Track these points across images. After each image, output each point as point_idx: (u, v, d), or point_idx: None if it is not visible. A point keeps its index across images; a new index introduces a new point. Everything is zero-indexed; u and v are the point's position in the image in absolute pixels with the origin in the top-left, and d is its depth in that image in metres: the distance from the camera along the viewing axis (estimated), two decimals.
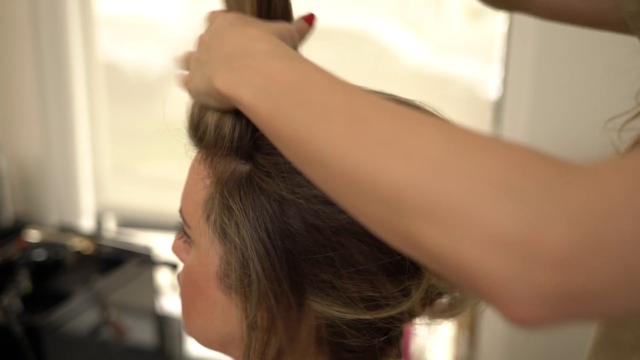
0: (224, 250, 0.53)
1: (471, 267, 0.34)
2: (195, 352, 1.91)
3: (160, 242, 1.77)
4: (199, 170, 0.55)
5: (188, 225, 0.56)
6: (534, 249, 0.32)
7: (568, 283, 0.32)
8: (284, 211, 0.50)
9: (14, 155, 1.96)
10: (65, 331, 1.44)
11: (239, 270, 0.51)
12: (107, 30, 1.97)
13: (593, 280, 0.32)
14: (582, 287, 0.32)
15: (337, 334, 0.53)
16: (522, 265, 0.33)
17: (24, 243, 1.67)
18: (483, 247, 0.33)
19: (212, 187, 0.53)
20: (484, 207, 0.34)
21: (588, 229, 0.32)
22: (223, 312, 0.55)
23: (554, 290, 0.32)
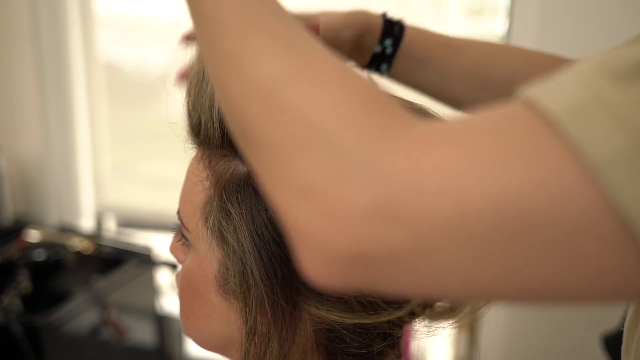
0: (222, 254, 0.52)
1: (282, 212, 0.34)
2: (195, 352, 1.91)
3: (160, 242, 1.77)
4: (197, 171, 0.54)
5: (186, 228, 0.55)
6: (332, 205, 0.31)
7: (359, 247, 0.31)
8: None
9: (14, 155, 1.96)
10: (65, 331, 1.44)
11: (238, 275, 0.51)
12: (107, 30, 1.97)
13: (384, 248, 0.31)
14: (372, 252, 0.31)
15: (336, 339, 0.53)
16: (320, 221, 0.32)
17: (24, 243, 1.67)
18: (291, 194, 0.33)
19: (210, 189, 0.53)
20: (296, 151, 0.33)
21: (391, 195, 0.31)
22: (222, 316, 0.54)
23: (346, 251, 0.32)
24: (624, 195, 0.28)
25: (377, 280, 0.33)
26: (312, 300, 0.51)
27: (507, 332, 1.61)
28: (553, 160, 0.29)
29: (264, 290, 0.50)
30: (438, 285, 0.32)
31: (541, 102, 0.30)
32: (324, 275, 0.33)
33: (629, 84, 0.29)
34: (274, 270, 0.50)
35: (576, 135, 0.29)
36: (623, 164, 0.28)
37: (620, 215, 0.28)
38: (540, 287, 0.31)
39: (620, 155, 0.28)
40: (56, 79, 1.91)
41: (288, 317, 0.51)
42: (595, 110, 0.29)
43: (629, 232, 0.28)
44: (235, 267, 0.51)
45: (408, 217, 0.30)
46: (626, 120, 0.28)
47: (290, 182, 0.33)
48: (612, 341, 0.60)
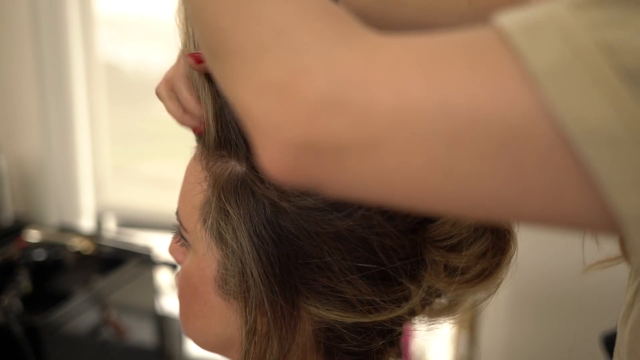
0: (221, 255, 0.52)
1: (244, 110, 0.36)
2: (195, 352, 1.91)
3: (160, 242, 1.77)
4: (196, 172, 0.54)
5: (185, 229, 0.55)
6: (288, 96, 0.34)
7: (310, 134, 0.33)
8: (278, 216, 0.50)
9: (14, 155, 1.96)
10: (65, 331, 1.44)
11: (237, 275, 0.51)
12: (107, 30, 1.97)
13: (332, 137, 0.33)
14: (321, 140, 0.33)
15: (336, 338, 0.53)
16: (276, 111, 0.34)
17: (24, 243, 1.67)
18: (253, 90, 0.35)
19: (209, 190, 0.53)
20: (260, 52, 0.35)
21: (340, 87, 0.33)
22: (222, 317, 0.54)
23: (297, 139, 0.34)
24: (560, 104, 0.29)
25: (325, 172, 0.35)
26: (311, 300, 0.51)
27: (507, 331, 1.61)
28: (498, 67, 0.31)
29: (263, 290, 0.50)
30: (381, 182, 0.34)
31: (502, 23, 0.32)
32: (277, 165, 0.35)
33: (582, 9, 0.30)
34: (273, 270, 0.50)
35: (522, 45, 0.30)
36: (561, 75, 0.29)
37: (557, 124, 0.29)
38: (479, 196, 0.32)
39: (560, 66, 0.29)
40: (56, 79, 1.91)
41: (287, 317, 0.51)
42: (545, 28, 0.30)
43: (563, 141, 0.29)
44: (234, 267, 0.51)
45: (355, 107, 0.33)
46: (570, 36, 0.29)
47: (252, 80, 0.35)
48: (612, 341, 0.60)
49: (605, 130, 0.28)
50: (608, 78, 0.29)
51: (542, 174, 0.30)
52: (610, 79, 0.29)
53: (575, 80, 0.29)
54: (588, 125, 0.29)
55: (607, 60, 0.29)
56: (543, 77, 0.29)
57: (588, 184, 0.30)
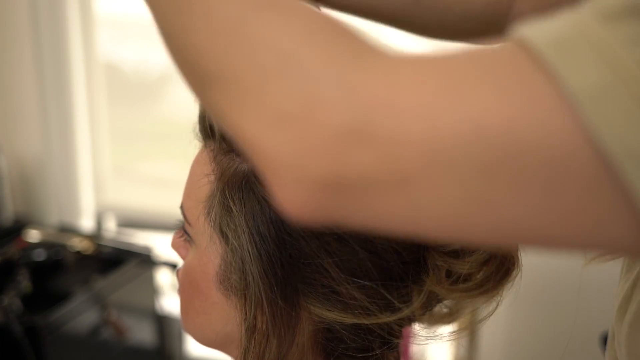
0: (223, 250, 0.52)
1: (251, 144, 0.33)
2: (195, 352, 1.91)
3: (160, 242, 1.77)
4: (202, 165, 0.54)
5: (188, 222, 0.55)
6: (306, 129, 0.31)
7: (333, 170, 0.31)
8: (280, 217, 0.49)
9: (14, 155, 1.96)
10: (65, 331, 1.44)
11: (237, 272, 0.51)
12: (107, 30, 1.97)
13: (358, 171, 0.30)
14: (346, 176, 0.31)
15: (335, 339, 0.53)
16: (293, 146, 0.31)
17: (24, 243, 1.67)
18: (261, 123, 0.32)
19: (214, 184, 0.53)
20: (266, 80, 0.32)
21: (364, 116, 0.30)
22: (222, 313, 0.54)
23: (319, 175, 0.31)
24: (603, 128, 0.27)
25: (350, 209, 0.32)
26: (311, 300, 0.51)
27: (508, 333, 1.61)
28: (533, 89, 0.29)
29: (262, 288, 0.50)
30: (411, 215, 0.31)
31: (527, 37, 0.30)
32: (297, 203, 0.32)
33: (616, 23, 0.29)
34: (273, 269, 0.50)
35: (557, 66, 0.28)
36: (603, 97, 0.27)
37: (597, 148, 0.28)
38: (517, 224, 0.30)
39: (600, 87, 0.27)
40: (56, 79, 1.91)
41: (286, 316, 0.51)
42: (579, 45, 0.28)
43: (605, 164, 0.28)
44: (235, 263, 0.51)
45: (382, 138, 0.30)
46: (608, 55, 0.28)
47: (261, 112, 0.32)
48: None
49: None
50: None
51: (584, 199, 0.29)
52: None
53: (618, 103, 0.27)
54: (633, 149, 0.27)
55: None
56: (583, 99, 0.28)
57: (630, 209, 0.28)
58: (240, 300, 0.52)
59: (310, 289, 0.51)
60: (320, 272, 0.50)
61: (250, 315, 0.51)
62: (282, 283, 0.50)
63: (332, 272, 0.50)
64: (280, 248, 0.50)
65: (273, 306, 0.50)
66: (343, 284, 0.50)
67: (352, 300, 0.50)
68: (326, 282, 0.50)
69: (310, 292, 0.51)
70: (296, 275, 0.50)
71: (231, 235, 0.51)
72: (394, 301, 0.51)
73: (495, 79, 0.30)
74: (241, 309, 0.52)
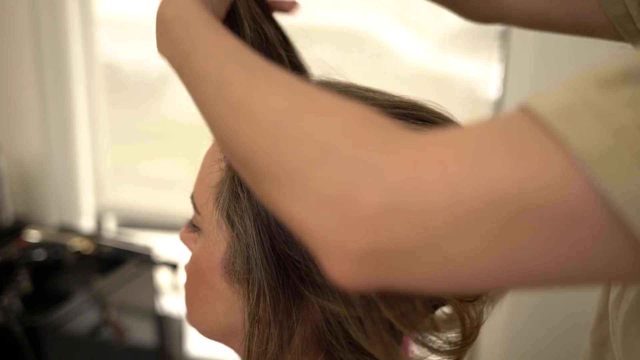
0: (230, 236, 0.53)
1: (302, 227, 0.37)
2: (195, 352, 1.91)
3: (160, 242, 1.77)
4: (214, 152, 0.56)
5: (197, 210, 0.57)
6: (347, 210, 0.35)
7: (375, 244, 0.34)
8: None
9: (14, 155, 1.96)
10: (65, 331, 1.44)
11: (242, 257, 0.52)
12: (107, 30, 1.97)
13: (396, 243, 0.34)
14: (386, 248, 0.34)
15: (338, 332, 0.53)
16: (338, 226, 0.35)
17: (24, 243, 1.68)
18: (309, 208, 0.36)
19: (224, 171, 0.54)
20: (309, 170, 0.37)
21: (396, 195, 0.34)
22: (225, 302, 0.55)
23: (363, 249, 0.35)
24: (609, 184, 0.31)
25: (394, 276, 0.36)
26: (315, 290, 0.51)
27: (507, 332, 1.61)
28: (543, 154, 0.32)
29: (265, 276, 0.51)
30: (447, 276, 0.35)
31: (533, 106, 0.34)
32: (346, 275, 0.36)
33: (612, 89, 0.32)
34: (277, 257, 0.51)
35: (563, 132, 0.32)
36: (607, 157, 0.31)
37: (607, 203, 0.31)
38: (540, 273, 0.34)
39: (604, 148, 0.31)
40: (56, 79, 1.91)
41: (287, 304, 0.51)
42: (580, 111, 0.32)
43: (615, 218, 0.31)
44: (241, 250, 0.52)
45: (413, 212, 0.34)
46: (608, 118, 0.31)
47: (306, 198, 0.37)
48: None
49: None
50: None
51: (596, 245, 0.32)
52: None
53: (620, 160, 0.31)
54: (635, 198, 0.30)
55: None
56: (589, 160, 0.31)
57: (635, 249, 0.32)
58: (244, 287, 0.53)
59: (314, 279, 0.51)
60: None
61: (252, 302, 0.52)
62: (284, 271, 0.50)
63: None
64: (284, 237, 0.50)
65: (274, 293, 0.51)
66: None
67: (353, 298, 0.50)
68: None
69: (313, 281, 0.51)
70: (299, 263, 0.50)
71: (237, 220, 0.52)
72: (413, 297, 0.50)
73: (509, 147, 0.33)
74: (244, 296, 0.53)
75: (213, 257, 0.55)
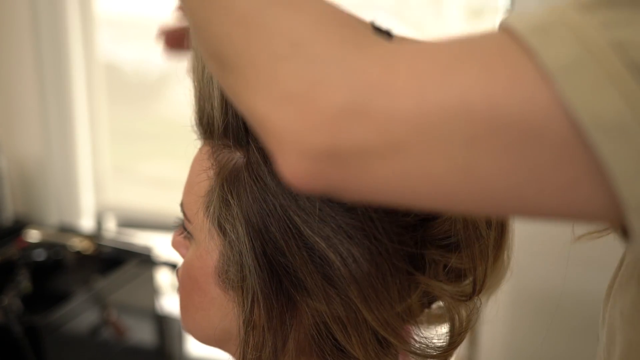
0: (222, 244, 0.53)
1: (262, 121, 0.37)
2: (195, 352, 1.91)
3: (161, 242, 1.77)
4: (201, 161, 0.55)
5: (188, 219, 0.56)
6: (310, 107, 0.34)
7: (332, 143, 0.34)
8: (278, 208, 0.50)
9: (14, 155, 1.96)
10: (65, 331, 1.44)
11: (235, 265, 0.52)
12: (107, 30, 1.97)
13: (355, 144, 0.34)
14: (344, 148, 0.34)
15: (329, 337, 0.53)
16: (298, 121, 0.35)
17: (23, 243, 1.67)
18: (272, 102, 0.36)
19: (213, 179, 0.54)
20: (277, 64, 0.36)
21: (363, 95, 0.34)
22: (220, 308, 0.55)
23: (319, 147, 0.34)
24: (576, 100, 0.30)
25: (346, 179, 0.35)
26: (308, 293, 0.51)
27: (507, 332, 1.61)
28: (513, 67, 0.32)
29: (257, 282, 0.50)
30: (403, 185, 0.35)
31: (510, 24, 0.33)
32: (298, 173, 0.36)
33: (591, 11, 0.32)
34: (269, 263, 0.50)
35: (536, 46, 0.32)
36: (577, 73, 0.31)
37: (572, 121, 0.31)
38: (497, 193, 0.34)
39: (574, 64, 0.31)
40: (56, 79, 1.91)
41: (282, 311, 0.51)
42: (556, 27, 0.32)
43: (578, 133, 0.31)
44: (233, 257, 0.52)
45: (377, 114, 0.33)
46: (583, 36, 0.31)
47: (269, 91, 0.36)
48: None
49: (616, 121, 0.30)
50: (620, 72, 0.30)
51: (558, 166, 0.32)
52: (622, 73, 0.30)
53: (589, 76, 0.30)
54: (601, 117, 0.30)
55: (618, 56, 0.30)
56: (558, 73, 0.31)
57: (599, 175, 0.31)
58: (238, 294, 0.52)
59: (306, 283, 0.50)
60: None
61: (247, 308, 0.52)
62: (276, 276, 0.50)
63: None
64: (275, 242, 0.50)
65: (268, 300, 0.51)
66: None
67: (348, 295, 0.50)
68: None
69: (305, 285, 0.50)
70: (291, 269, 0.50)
71: (229, 228, 0.52)
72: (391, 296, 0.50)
73: (481, 59, 0.33)
74: (239, 302, 0.53)
75: (206, 265, 0.54)
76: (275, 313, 0.51)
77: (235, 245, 0.51)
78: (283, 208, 0.49)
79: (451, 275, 0.52)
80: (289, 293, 0.51)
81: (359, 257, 0.49)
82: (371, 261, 0.49)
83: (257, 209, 0.50)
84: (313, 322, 0.53)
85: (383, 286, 0.50)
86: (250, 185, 0.50)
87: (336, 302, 0.50)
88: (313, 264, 0.49)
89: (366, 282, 0.49)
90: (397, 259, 0.49)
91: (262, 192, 0.50)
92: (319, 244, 0.49)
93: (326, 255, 0.49)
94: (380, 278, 0.49)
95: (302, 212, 0.49)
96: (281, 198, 0.49)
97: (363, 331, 0.51)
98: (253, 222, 0.50)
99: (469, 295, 0.53)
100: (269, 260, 0.50)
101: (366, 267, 0.49)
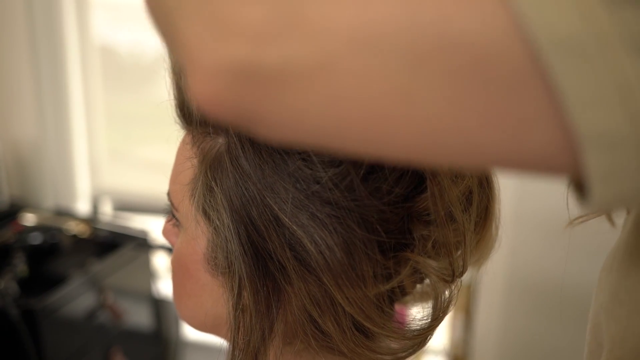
0: (208, 230, 0.53)
1: (181, 41, 0.32)
2: (191, 335, 1.92)
3: (157, 226, 1.77)
4: (185, 149, 0.55)
5: (175, 208, 0.56)
6: (228, 19, 0.30)
7: (247, 55, 0.29)
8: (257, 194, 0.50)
9: (10, 138, 1.95)
10: (62, 315, 1.44)
11: (222, 251, 0.52)
12: (102, 13, 1.96)
13: (279, 59, 0.29)
14: (266, 64, 0.29)
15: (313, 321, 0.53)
16: (213, 33, 0.30)
17: (19, 226, 1.67)
18: (189, 16, 0.32)
19: (197, 167, 0.54)
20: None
21: (289, 6, 0.29)
22: (211, 295, 0.55)
23: (233, 59, 0.30)
24: (531, 12, 0.27)
25: (264, 101, 0.31)
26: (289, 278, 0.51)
27: (503, 315, 1.62)
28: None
29: (244, 267, 0.50)
30: (330, 113, 0.30)
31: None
32: (208, 92, 0.31)
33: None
34: (254, 248, 0.50)
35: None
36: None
37: (529, 43, 0.27)
38: (439, 125, 0.29)
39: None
40: (51, 63, 1.90)
41: (268, 296, 0.51)
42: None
43: (536, 64, 0.27)
44: (220, 243, 0.52)
45: (307, 26, 0.29)
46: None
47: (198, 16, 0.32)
48: None
49: (572, 39, 0.27)
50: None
51: (510, 100, 0.28)
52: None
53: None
54: (556, 34, 0.26)
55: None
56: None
57: (555, 110, 0.28)
58: (227, 279, 0.53)
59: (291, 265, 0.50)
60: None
61: (235, 293, 0.52)
62: (262, 260, 0.50)
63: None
64: (257, 224, 0.50)
65: (254, 285, 0.51)
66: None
67: None
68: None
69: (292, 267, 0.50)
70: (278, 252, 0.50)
71: (214, 214, 0.52)
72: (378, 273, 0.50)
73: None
74: (228, 288, 0.53)
75: (195, 252, 0.55)
76: (262, 297, 0.51)
77: (221, 232, 0.51)
78: (260, 193, 0.49)
79: (440, 251, 0.52)
80: (275, 277, 0.51)
81: (333, 246, 0.48)
82: (346, 250, 0.49)
83: (239, 194, 0.50)
84: (297, 306, 0.53)
85: (357, 274, 0.49)
86: (232, 171, 0.50)
87: (313, 287, 0.50)
88: (290, 249, 0.49)
89: (340, 270, 0.49)
90: (371, 248, 0.49)
91: (241, 178, 0.50)
92: (295, 230, 0.49)
93: (302, 242, 0.49)
94: (355, 266, 0.49)
95: (278, 197, 0.49)
96: (258, 183, 0.49)
97: (340, 316, 0.51)
98: (236, 208, 0.50)
99: (457, 271, 0.53)
100: (254, 245, 0.50)
101: (339, 255, 0.49)
